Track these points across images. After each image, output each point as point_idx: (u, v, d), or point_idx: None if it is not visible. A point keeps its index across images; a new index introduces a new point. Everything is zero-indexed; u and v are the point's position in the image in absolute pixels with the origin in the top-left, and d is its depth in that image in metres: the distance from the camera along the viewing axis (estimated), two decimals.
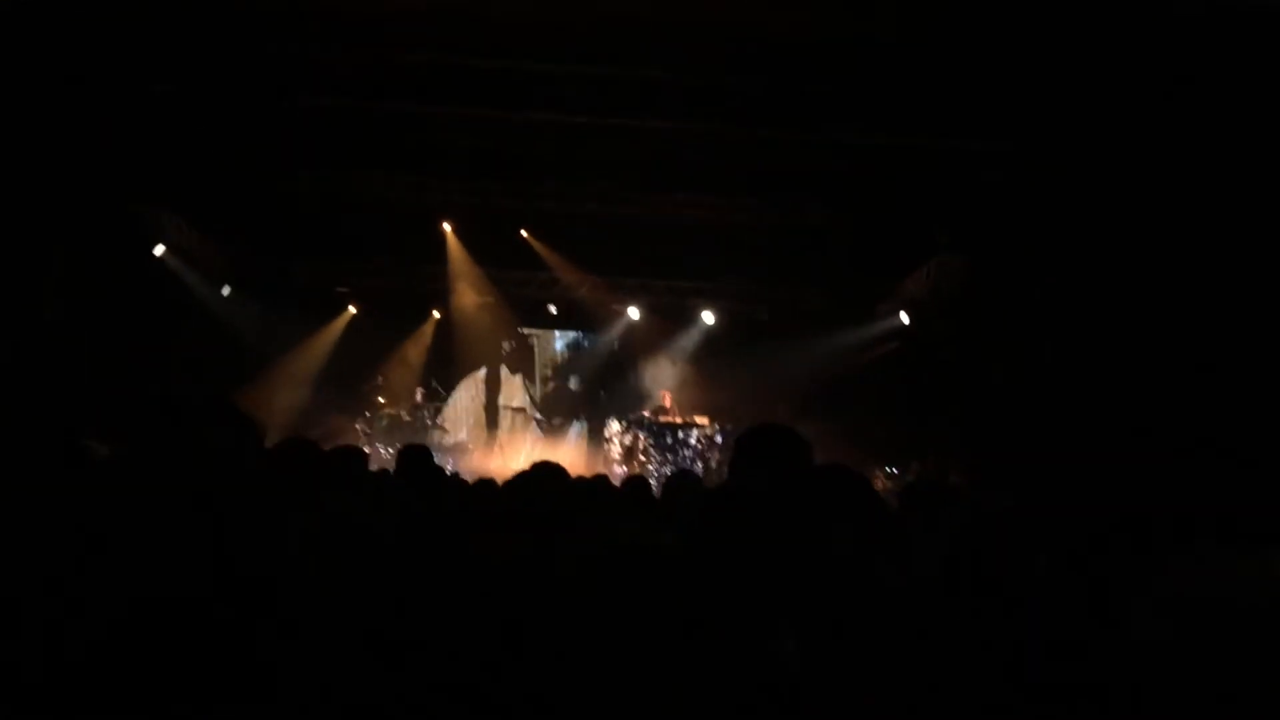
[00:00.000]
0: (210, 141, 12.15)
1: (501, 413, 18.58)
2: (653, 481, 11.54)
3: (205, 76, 9.84)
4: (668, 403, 16.56)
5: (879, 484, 14.57)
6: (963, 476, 13.22)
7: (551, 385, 18.77)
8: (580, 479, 4.83)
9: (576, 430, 18.48)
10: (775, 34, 8.86)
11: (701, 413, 16.62)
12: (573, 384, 18.63)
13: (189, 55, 9.53)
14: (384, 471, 5.53)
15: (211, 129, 11.75)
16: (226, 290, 16.45)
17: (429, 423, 16.87)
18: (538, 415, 18.63)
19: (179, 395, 2.04)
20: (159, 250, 14.42)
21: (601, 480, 5.31)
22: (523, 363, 18.74)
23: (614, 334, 18.16)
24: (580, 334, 18.58)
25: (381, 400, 16.80)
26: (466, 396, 18.43)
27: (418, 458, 4.92)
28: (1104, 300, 10.75)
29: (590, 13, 8.65)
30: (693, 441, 16.07)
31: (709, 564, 2.10)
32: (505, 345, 18.55)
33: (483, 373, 18.58)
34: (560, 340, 18.76)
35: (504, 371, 18.65)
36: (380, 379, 17.13)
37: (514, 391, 18.67)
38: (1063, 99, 9.46)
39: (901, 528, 2.92)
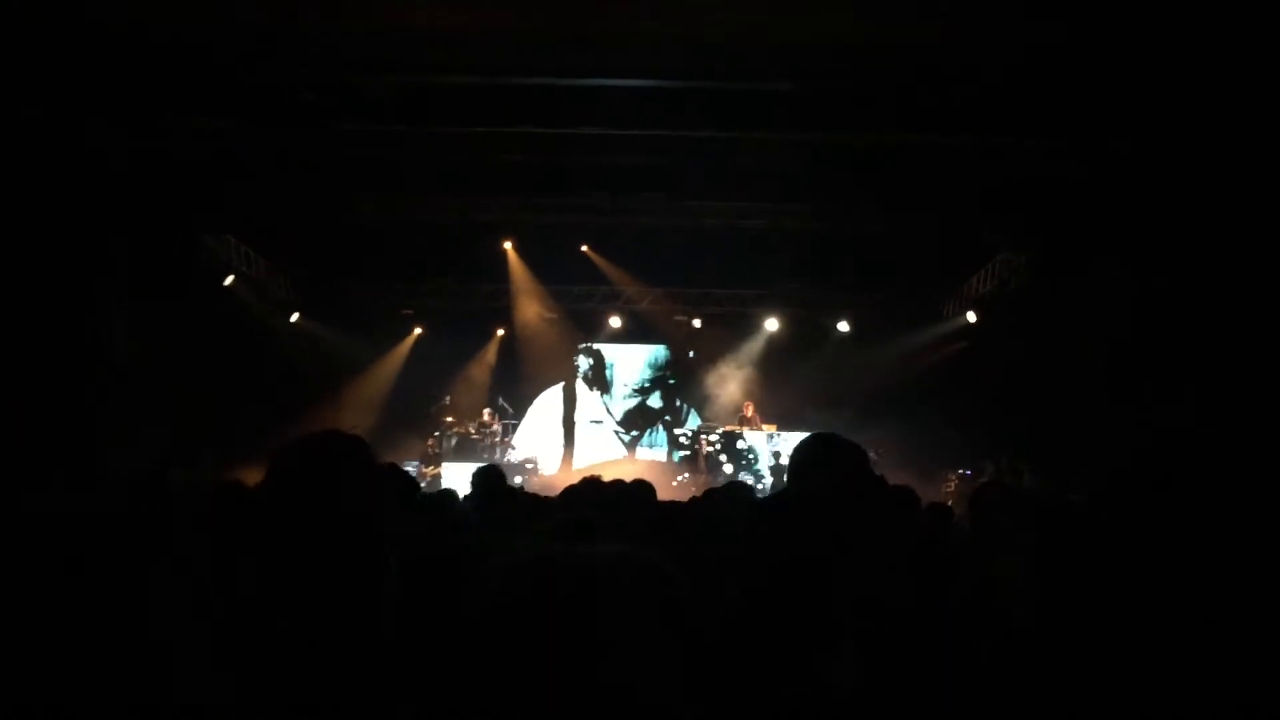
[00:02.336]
0: (274, 171, 12.37)
1: (579, 428, 18.67)
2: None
3: (263, 109, 10.01)
4: (750, 412, 16.46)
5: (952, 486, 14.35)
6: (1038, 476, 12.97)
7: (626, 398, 18.79)
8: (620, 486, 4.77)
9: (654, 441, 18.50)
10: (825, 38, 8.79)
11: (769, 420, 16.52)
12: (648, 396, 18.66)
13: (245, 89, 9.71)
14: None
15: (273, 159, 11.96)
16: (295, 317, 16.74)
17: (498, 440, 16.95)
18: (616, 428, 18.68)
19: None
20: (229, 281, 14.71)
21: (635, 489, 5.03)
22: (597, 377, 18.81)
23: (681, 344, 18.18)
24: (650, 346, 18.58)
25: (449, 419, 16.93)
26: (540, 413, 18.56)
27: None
28: (1168, 290, 10.51)
29: (639, 26, 8.66)
30: (761, 449, 16.00)
31: (761, 578, 2.04)
32: (579, 360, 18.67)
33: (558, 388, 18.70)
34: (632, 353, 18.76)
35: (580, 386, 18.75)
36: (448, 398, 17.27)
37: (591, 406, 18.76)
38: (1116, 90, 9.25)
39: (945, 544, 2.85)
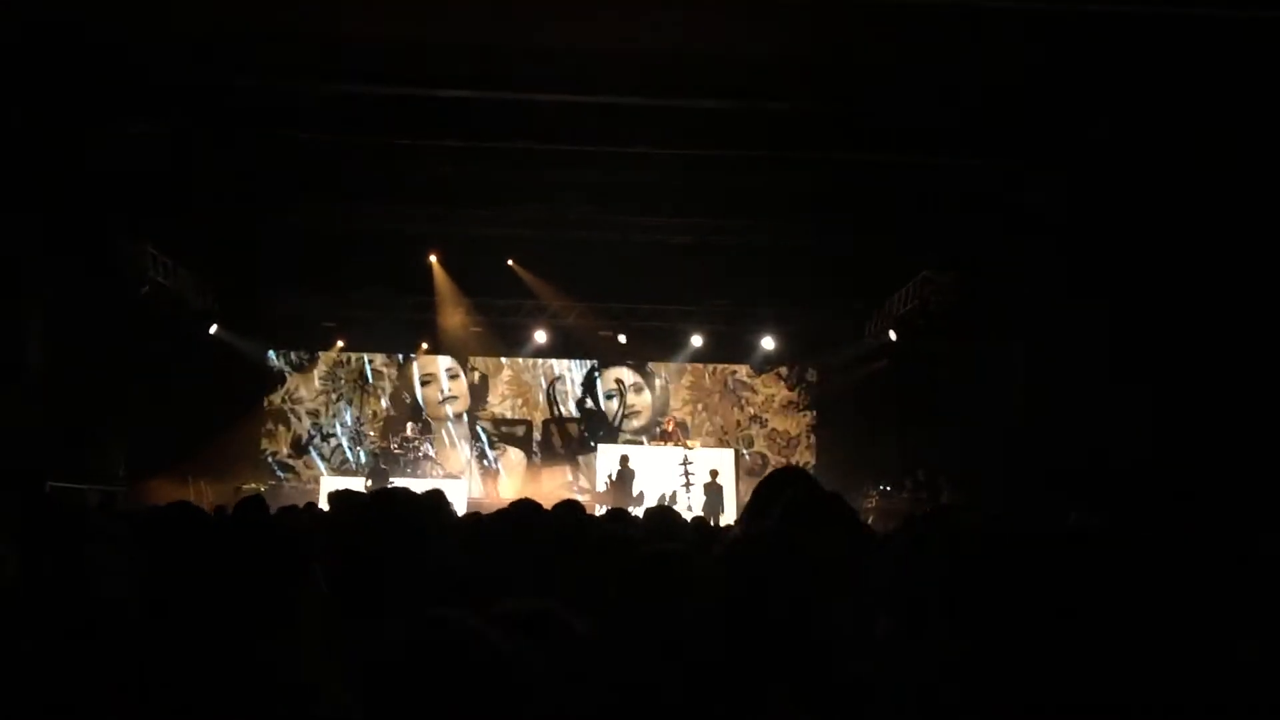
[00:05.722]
0: (194, 179, 12.16)
1: (490, 442, 18.51)
2: (641, 507, 11.46)
3: (185, 115, 9.85)
4: (671, 428, 16.47)
5: (873, 502, 14.53)
6: (955, 492, 13.20)
7: (545, 414, 18.67)
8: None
9: (571, 457, 18.41)
10: (756, 58, 8.90)
11: (691, 436, 16.58)
12: (565, 412, 18.57)
13: (167, 95, 9.53)
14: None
15: (195, 167, 11.76)
16: (214, 328, 16.39)
17: (420, 455, 16.77)
18: (532, 446, 18.57)
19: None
20: (145, 290, 14.35)
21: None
22: (513, 392, 18.67)
23: (603, 359, 18.12)
24: (572, 361, 18.48)
25: (371, 434, 16.71)
26: (454, 428, 18.37)
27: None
28: (1089, 311, 10.77)
29: (570, 41, 8.69)
30: (683, 467, 16.01)
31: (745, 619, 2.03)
32: (490, 373, 18.50)
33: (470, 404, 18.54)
34: (553, 368, 18.65)
35: (492, 401, 18.57)
36: (371, 412, 17.05)
37: (505, 421, 18.60)
38: (1042, 111, 9.50)
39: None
